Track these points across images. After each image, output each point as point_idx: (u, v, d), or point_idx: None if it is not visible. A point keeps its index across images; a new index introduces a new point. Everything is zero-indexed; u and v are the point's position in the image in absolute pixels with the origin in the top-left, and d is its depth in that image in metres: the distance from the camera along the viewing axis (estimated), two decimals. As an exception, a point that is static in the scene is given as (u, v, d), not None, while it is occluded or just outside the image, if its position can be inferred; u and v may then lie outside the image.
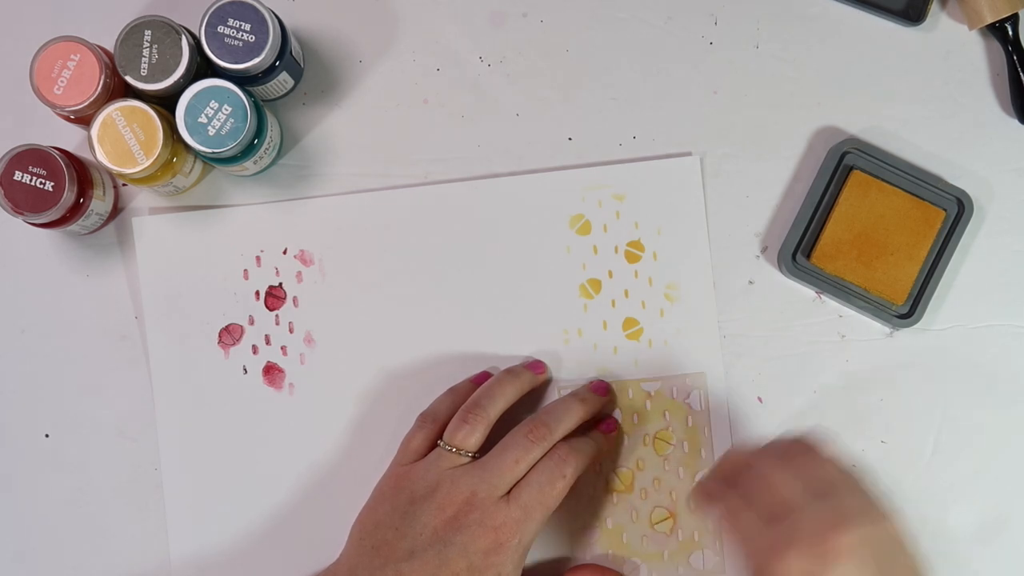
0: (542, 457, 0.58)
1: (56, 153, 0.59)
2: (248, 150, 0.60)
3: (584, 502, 0.64)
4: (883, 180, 0.63)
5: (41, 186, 0.58)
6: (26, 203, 0.58)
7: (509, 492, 0.57)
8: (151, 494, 0.64)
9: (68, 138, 0.64)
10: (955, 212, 0.63)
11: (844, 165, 0.64)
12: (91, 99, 0.58)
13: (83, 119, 0.59)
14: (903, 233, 0.63)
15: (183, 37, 0.58)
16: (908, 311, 0.63)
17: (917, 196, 0.63)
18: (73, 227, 0.61)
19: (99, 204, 0.62)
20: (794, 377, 0.64)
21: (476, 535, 0.56)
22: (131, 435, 0.64)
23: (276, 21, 0.59)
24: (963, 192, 0.63)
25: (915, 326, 0.63)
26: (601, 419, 0.63)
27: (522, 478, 0.58)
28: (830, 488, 0.53)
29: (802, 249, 0.64)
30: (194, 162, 0.62)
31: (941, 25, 0.65)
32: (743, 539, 0.54)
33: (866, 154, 0.63)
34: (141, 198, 0.65)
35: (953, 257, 0.63)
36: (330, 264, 0.65)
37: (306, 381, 0.64)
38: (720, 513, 0.56)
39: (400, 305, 0.64)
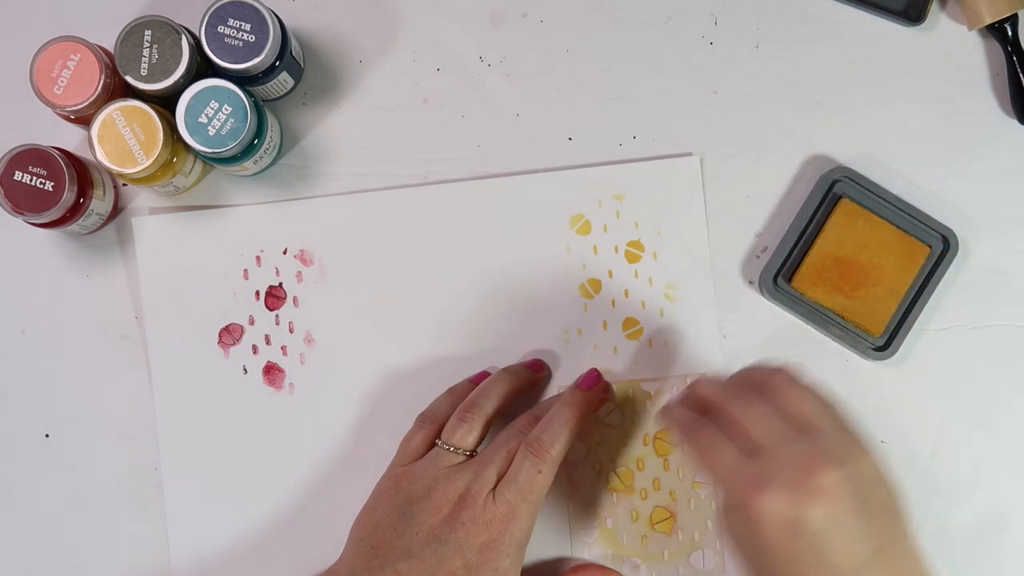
0: (517, 450, 0.57)
1: (56, 153, 0.59)
2: (248, 150, 0.60)
3: (584, 502, 0.64)
4: (871, 211, 0.63)
5: (41, 186, 0.58)
6: (26, 203, 0.58)
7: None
8: (151, 494, 0.64)
9: (68, 138, 0.64)
10: (940, 249, 0.63)
11: (833, 193, 0.64)
12: (91, 99, 0.58)
13: (83, 119, 0.59)
14: (886, 266, 0.63)
15: (183, 37, 0.58)
16: (884, 344, 0.63)
17: (903, 230, 0.63)
18: (73, 227, 0.61)
19: (99, 204, 0.62)
20: (794, 377, 0.64)
21: (471, 532, 0.56)
22: (131, 435, 0.64)
23: (276, 21, 0.60)
24: (949, 230, 0.63)
25: (892, 357, 0.63)
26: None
27: (504, 476, 0.57)
28: (809, 424, 0.53)
29: (784, 273, 0.64)
30: (194, 162, 0.62)
31: (941, 25, 0.65)
32: (722, 473, 0.54)
33: (856, 183, 0.63)
34: (141, 198, 0.65)
35: (935, 292, 0.63)
36: (330, 264, 0.65)
37: (306, 381, 0.64)
38: (695, 446, 0.56)
39: (400, 305, 0.64)
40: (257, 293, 0.65)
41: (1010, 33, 0.64)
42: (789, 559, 0.51)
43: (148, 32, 0.58)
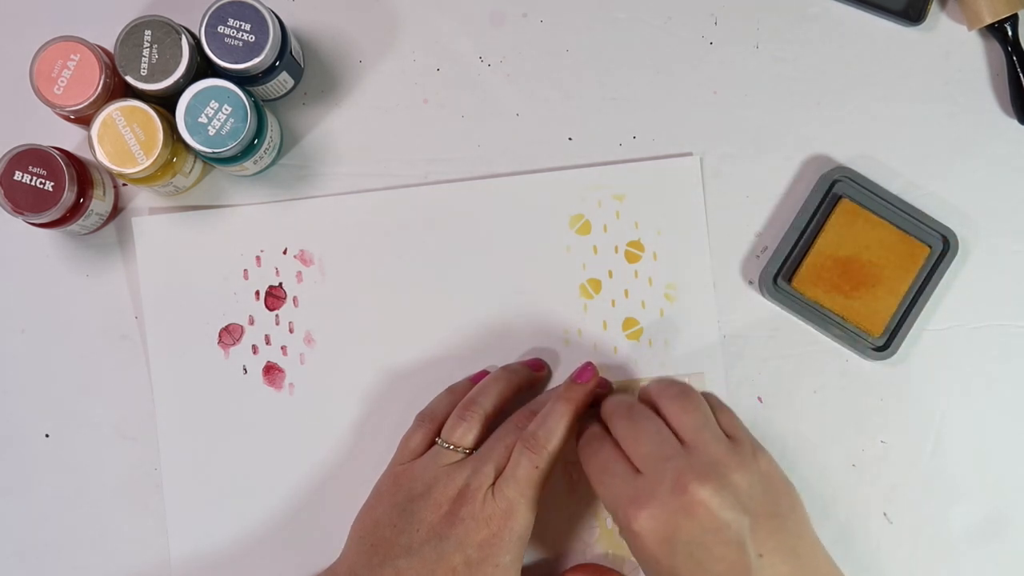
0: (515, 446, 0.57)
1: (56, 153, 0.59)
2: (248, 150, 0.60)
3: (584, 502, 0.64)
4: (871, 211, 0.63)
5: (41, 186, 0.58)
6: (26, 203, 0.58)
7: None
8: (151, 494, 0.64)
9: (68, 138, 0.64)
10: (940, 249, 0.63)
11: (833, 193, 0.64)
12: (91, 99, 0.58)
13: (83, 119, 0.59)
14: (886, 266, 0.63)
15: (183, 37, 0.58)
16: (884, 344, 0.63)
17: (903, 230, 0.63)
18: (73, 227, 0.61)
19: (99, 204, 0.62)
20: (794, 377, 0.64)
21: (470, 529, 0.56)
22: (131, 435, 0.64)
23: (276, 21, 0.60)
24: (949, 230, 0.63)
25: (892, 357, 0.63)
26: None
27: (502, 472, 0.57)
28: (695, 435, 0.54)
29: (784, 273, 0.64)
30: (194, 162, 0.62)
31: (941, 25, 0.65)
32: (608, 494, 0.54)
33: (856, 183, 0.63)
34: (141, 198, 0.65)
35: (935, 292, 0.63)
36: (330, 264, 0.65)
37: (306, 381, 0.64)
38: (589, 465, 0.56)
39: (400, 305, 0.64)
40: (257, 293, 0.65)
41: (1010, 33, 0.64)
42: (671, 572, 0.52)
43: (148, 32, 0.58)
